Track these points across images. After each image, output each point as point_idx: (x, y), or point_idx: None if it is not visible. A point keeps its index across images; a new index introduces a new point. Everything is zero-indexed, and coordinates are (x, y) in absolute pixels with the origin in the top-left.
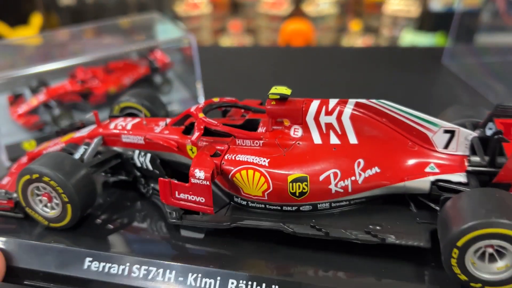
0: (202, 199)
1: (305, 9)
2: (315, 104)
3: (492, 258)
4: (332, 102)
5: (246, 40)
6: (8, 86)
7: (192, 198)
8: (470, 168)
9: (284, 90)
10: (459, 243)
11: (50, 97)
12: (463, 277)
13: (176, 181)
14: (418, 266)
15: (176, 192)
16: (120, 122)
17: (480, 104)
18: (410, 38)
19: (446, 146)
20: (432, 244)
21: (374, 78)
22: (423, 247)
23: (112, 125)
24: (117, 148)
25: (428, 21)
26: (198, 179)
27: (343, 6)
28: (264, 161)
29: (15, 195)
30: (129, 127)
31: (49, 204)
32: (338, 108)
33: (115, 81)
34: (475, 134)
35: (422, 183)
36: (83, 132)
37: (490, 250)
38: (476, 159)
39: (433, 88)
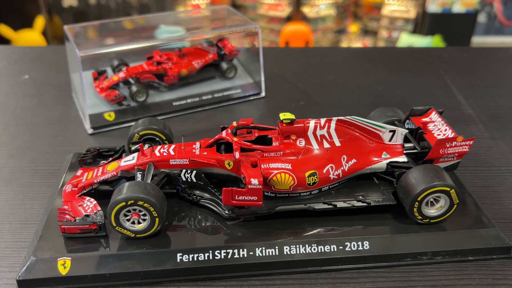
0: (255, 198)
1: (305, 10)
2: (312, 123)
3: (431, 203)
4: (322, 120)
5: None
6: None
7: (248, 198)
8: (406, 152)
9: (290, 116)
10: (419, 198)
11: (129, 74)
12: (419, 217)
13: (237, 188)
14: (387, 214)
15: (236, 196)
16: (160, 149)
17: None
18: (408, 39)
19: (390, 140)
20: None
21: (372, 79)
22: (392, 204)
23: (157, 153)
24: (163, 170)
25: (426, 22)
26: (254, 185)
27: (341, 8)
28: (288, 165)
29: (98, 218)
30: (172, 152)
31: (135, 220)
32: (327, 124)
33: (186, 64)
34: (406, 131)
35: (381, 165)
36: (129, 161)
37: (431, 199)
38: (409, 145)
39: (430, 89)
